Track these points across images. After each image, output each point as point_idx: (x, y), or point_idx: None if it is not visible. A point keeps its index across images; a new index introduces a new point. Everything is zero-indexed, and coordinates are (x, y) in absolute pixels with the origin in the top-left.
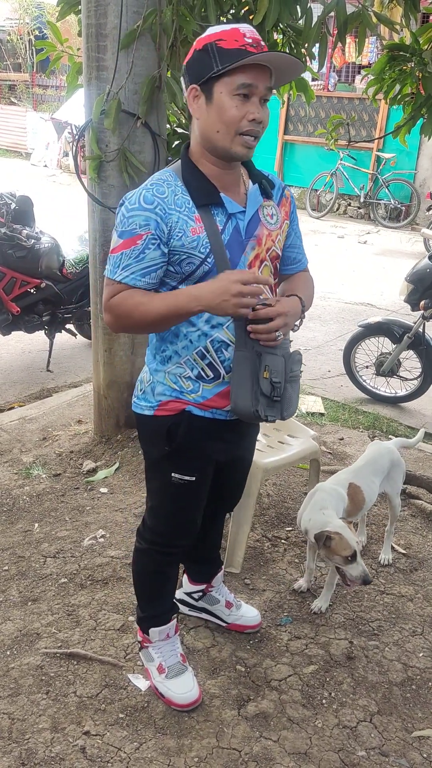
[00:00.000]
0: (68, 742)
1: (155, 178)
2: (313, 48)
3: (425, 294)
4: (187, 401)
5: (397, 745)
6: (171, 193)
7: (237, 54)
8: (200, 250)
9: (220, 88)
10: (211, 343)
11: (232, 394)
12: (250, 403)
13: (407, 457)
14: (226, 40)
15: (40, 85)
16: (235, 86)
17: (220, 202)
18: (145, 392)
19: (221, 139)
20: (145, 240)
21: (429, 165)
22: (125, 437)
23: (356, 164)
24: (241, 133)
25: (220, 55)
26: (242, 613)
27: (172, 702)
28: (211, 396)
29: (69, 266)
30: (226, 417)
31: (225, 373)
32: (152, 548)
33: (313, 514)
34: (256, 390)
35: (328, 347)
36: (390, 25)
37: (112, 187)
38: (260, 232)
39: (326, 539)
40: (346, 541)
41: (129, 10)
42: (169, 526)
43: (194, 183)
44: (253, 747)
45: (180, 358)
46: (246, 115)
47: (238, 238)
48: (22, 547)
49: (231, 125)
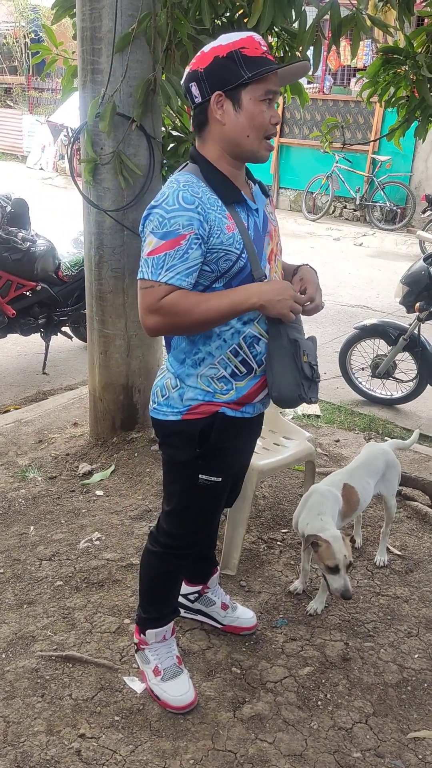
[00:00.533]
0: (63, 745)
1: (182, 180)
2: (308, 51)
3: (420, 296)
4: (219, 403)
5: (393, 747)
6: (203, 193)
7: (261, 62)
8: (236, 246)
9: (248, 94)
10: (243, 340)
11: (275, 385)
12: (296, 389)
13: (403, 458)
14: (248, 47)
15: (36, 88)
16: (262, 93)
17: (243, 199)
18: (170, 398)
19: (250, 143)
20: (189, 240)
21: (424, 167)
22: (121, 440)
23: (352, 167)
24: (266, 136)
25: (246, 62)
26: (238, 615)
27: (168, 704)
28: (245, 392)
29: (65, 269)
30: (252, 413)
31: (257, 367)
32: (166, 551)
33: (311, 519)
34: (298, 375)
35: (324, 349)
36: (384, 28)
37: (108, 190)
38: (270, 227)
39: (314, 544)
40: (332, 552)
41: (123, 14)
42: (189, 529)
43: (219, 182)
44: (248, 749)
45: (214, 359)
46: (270, 119)
47: (258, 234)
48: (18, 550)
49: (260, 130)
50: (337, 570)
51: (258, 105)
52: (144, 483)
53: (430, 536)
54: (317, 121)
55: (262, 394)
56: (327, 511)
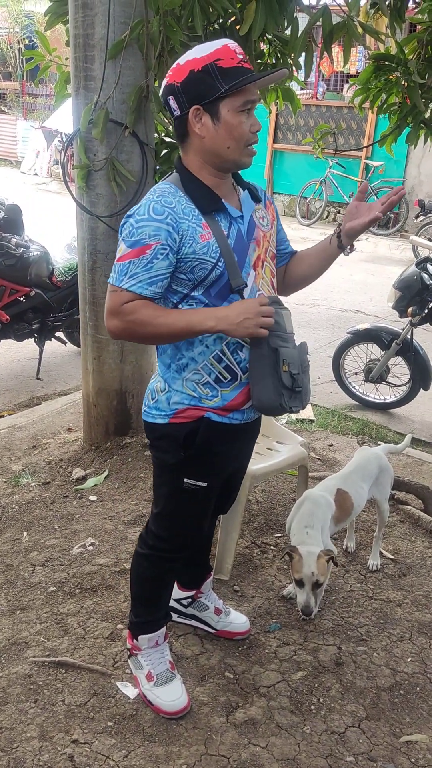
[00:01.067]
0: (56, 751)
1: (159, 190)
2: (300, 58)
3: (413, 301)
4: (205, 408)
5: (385, 750)
6: (178, 203)
7: (237, 72)
8: (211, 255)
9: (226, 106)
10: (227, 346)
11: (255, 392)
12: (275, 398)
13: (396, 462)
14: (224, 59)
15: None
16: (240, 103)
17: (223, 208)
18: (158, 401)
19: (231, 153)
20: (154, 250)
21: (417, 173)
22: (115, 445)
23: (345, 172)
24: (247, 144)
25: (221, 75)
26: (231, 620)
27: (161, 709)
28: (231, 399)
29: (58, 274)
30: (240, 420)
31: (242, 374)
32: (155, 554)
33: (298, 531)
34: (278, 384)
35: (317, 354)
36: (375, 35)
37: (101, 196)
38: (257, 234)
39: (290, 554)
40: (300, 565)
41: (116, 21)
42: (176, 532)
43: (197, 192)
44: (241, 753)
45: (197, 365)
46: (251, 128)
47: (241, 242)
48: (11, 555)
49: (241, 140)
50: (302, 584)
51: (237, 116)
52: (137, 488)
53: (423, 540)
54: (310, 126)
55: (249, 402)
56: (316, 522)
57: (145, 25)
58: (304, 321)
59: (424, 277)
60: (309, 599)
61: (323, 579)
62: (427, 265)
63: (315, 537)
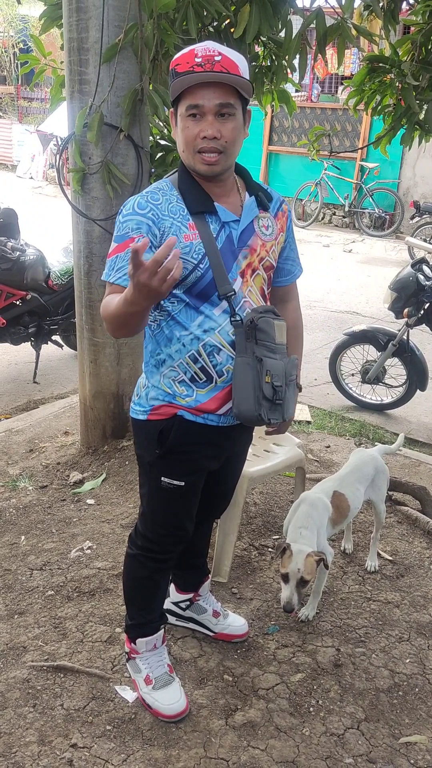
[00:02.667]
0: (55, 755)
1: (151, 187)
2: (294, 60)
3: (409, 302)
4: (179, 406)
5: (385, 752)
6: (165, 201)
7: (186, 77)
8: (192, 256)
9: (179, 110)
10: (203, 347)
11: (235, 399)
12: (254, 408)
13: (393, 463)
14: (181, 63)
15: (26, 98)
16: (184, 108)
17: (214, 210)
18: (140, 397)
19: (186, 158)
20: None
21: (412, 174)
22: (112, 448)
23: (340, 174)
24: (198, 151)
25: (175, 79)
26: (229, 623)
27: (160, 713)
28: (205, 400)
29: (54, 278)
30: (217, 422)
31: (218, 377)
32: (142, 554)
33: (293, 531)
34: (258, 394)
35: (314, 355)
36: (369, 36)
37: (96, 199)
38: (254, 241)
39: (283, 549)
40: (288, 561)
41: (110, 24)
42: (159, 532)
43: (189, 191)
44: (240, 756)
45: (173, 362)
46: (199, 134)
47: (230, 247)
48: (9, 560)
49: (188, 145)
50: (287, 580)
51: (184, 121)
52: (135, 491)
53: (421, 541)
54: (305, 128)
55: (225, 407)
56: (312, 524)
57: (139, 29)
58: None
59: (419, 279)
60: (292, 596)
61: (309, 578)
62: (423, 267)
63: (308, 538)
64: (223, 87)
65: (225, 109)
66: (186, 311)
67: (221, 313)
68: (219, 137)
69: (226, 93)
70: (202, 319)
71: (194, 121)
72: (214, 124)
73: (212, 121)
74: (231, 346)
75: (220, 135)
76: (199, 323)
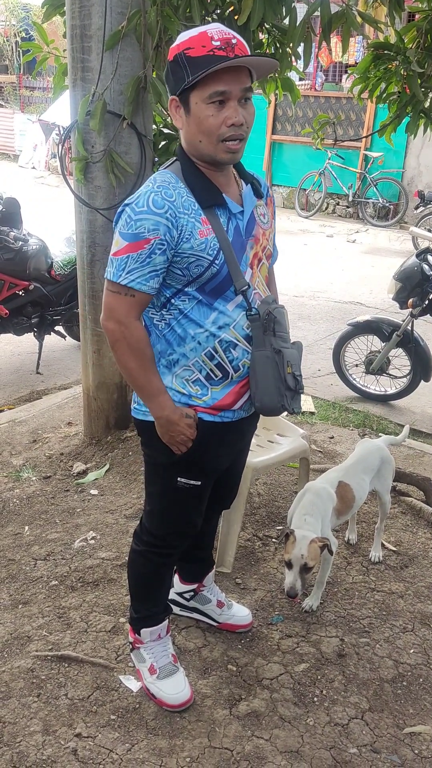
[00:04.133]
0: (60, 745)
1: (158, 180)
2: (298, 47)
3: (413, 292)
4: (197, 407)
5: (389, 742)
6: (178, 196)
7: (205, 61)
8: (209, 252)
9: (195, 98)
10: (219, 344)
11: (258, 393)
12: (277, 399)
13: (397, 454)
14: (194, 47)
15: (27, 87)
16: (208, 95)
17: (224, 202)
18: None
19: (205, 147)
20: (153, 245)
21: (416, 163)
22: (115, 439)
23: (344, 163)
24: (223, 139)
25: (189, 64)
26: (233, 613)
27: (164, 702)
28: (221, 397)
29: (57, 268)
30: (232, 418)
31: (234, 372)
32: (149, 550)
33: (297, 518)
34: (280, 386)
35: (317, 346)
36: (374, 24)
37: (99, 188)
38: (257, 231)
39: (286, 535)
40: (292, 547)
41: (113, 11)
42: (169, 530)
43: (198, 184)
44: (245, 746)
45: (188, 361)
46: (224, 121)
47: (239, 239)
48: (13, 550)
49: (211, 134)
50: (290, 566)
51: (204, 108)
52: (138, 482)
53: (425, 531)
54: (309, 117)
55: (240, 401)
56: (316, 512)
57: (142, 16)
58: (304, 313)
59: (424, 268)
60: (295, 581)
61: (312, 563)
62: (428, 256)
63: (312, 525)
64: (244, 71)
65: (247, 93)
66: (199, 308)
67: (235, 307)
68: (244, 123)
69: (247, 77)
70: (217, 315)
71: (218, 108)
72: (239, 110)
73: (236, 107)
74: (246, 340)
75: (244, 121)
76: (213, 320)
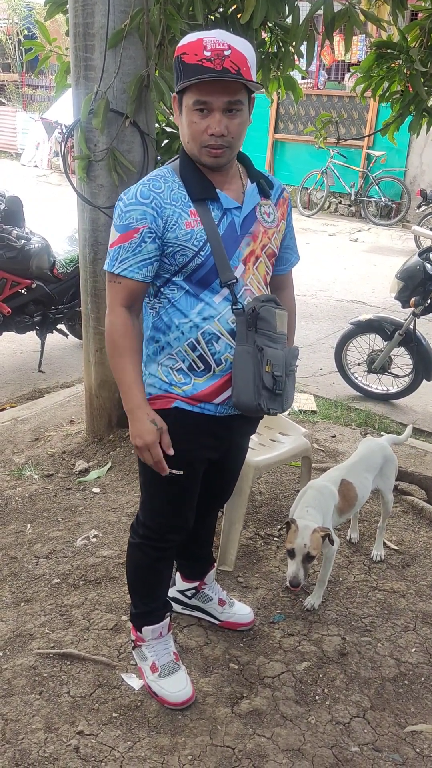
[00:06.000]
0: (62, 742)
1: (152, 174)
2: (301, 46)
3: (416, 291)
4: (176, 395)
5: (390, 741)
6: (167, 188)
7: (193, 70)
8: (193, 243)
9: (185, 101)
10: (202, 335)
11: (235, 389)
12: (253, 397)
13: (399, 453)
14: (188, 53)
15: (30, 85)
16: (191, 102)
17: (216, 197)
18: None
19: (191, 149)
20: (142, 233)
21: (419, 162)
22: (117, 437)
23: (347, 162)
24: (204, 146)
25: (183, 69)
26: (235, 611)
27: (166, 700)
28: (202, 389)
29: (60, 266)
30: (214, 412)
31: (216, 366)
32: (144, 542)
33: (300, 509)
34: (258, 384)
35: (319, 345)
36: (377, 22)
37: (102, 187)
38: (256, 228)
39: (288, 524)
40: (294, 536)
41: (116, 10)
42: (159, 520)
43: (191, 178)
44: (246, 744)
45: (172, 349)
46: (206, 129)
47: (233, 234)
48: (15, 548)
49: (194, 139)
50: (293, 555)
51: (191, 114)
52: None
53: (427, 531)
54: (311, 116)
55: (222, 396)
56: (318, 506)
57: (145, 14)
58: (306, 312)
59: (427, 267)
60: (298, 570)
61: (315, 553)
62: (430, 255)
63: (314, 516)
64: (232, 84)
65: (233, 105)
66: (186, 298)
67: (221, 300)
68: (226, 134)
69: (234, 90)
70: (202, 306)
71: (201, 116)
72: (222, 121)
73: (220, 118)
74: (230, 334)
75: (227, 131)
76: (198, 311)
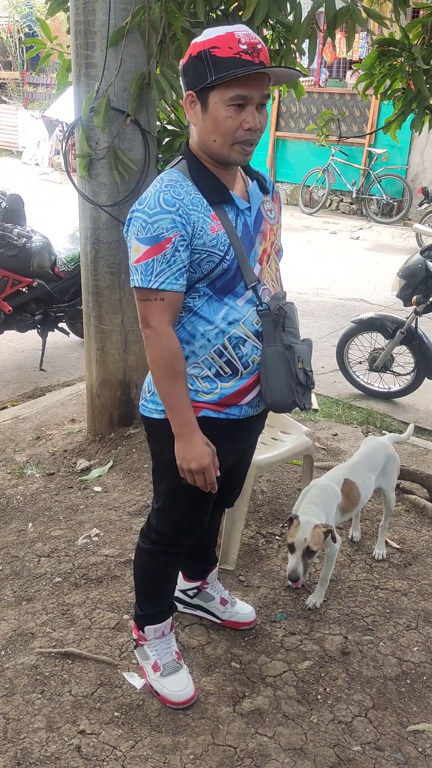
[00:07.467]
0: (63, 742)
1: (166, 179)
2: (303, 44)
3: (417, 289)
4: (202, 403)
5: (392, 740)
6: (186, 194)
7: (231, 63)
8: (219, 248)
9: (215, 97)
10: (228, 340)
11: (268, 390)
12: (288, 395)
13: (401, 452)
14: (221, 47)
15: (31, 83)
16: (229, 97)
17: (231, 199)
18: (155, 394)
19: (219, 147)
20: (174, 243)
21: (420, 160)
22: (119, 436)
23: (348, 160)
24: (238, 142)
25: (214, 64)
26: (237, 610)
27: (168, 700)
28: (229, 394)
29: (61, 265)
30: (239, 415)
31: (243, 369)
32: (156, 549)
33: (303, 506)
34: (292, 382)
35: (321, 343)
36: (379, 20)
37: (103, 185)
38: (264, 226)
39: (290, 520)
40: (295, 531)
41: (117, 7)
42: (176, 528)
43: (205, 182)
44: (248, 743)
45: (197, 358)
46: (242, 125)
47: (248, 234)
48: (16, 546)
49: (227, 135)
50: (293, 549)
51: (224, 110)
52: (142, 479)
53: (429, 529)
54: (313, 114)
55: (249, 397)
56: (322, 504)
57: (146, 12)
58: (308, 310)
59: (428, 266)
60: (297, 564)
61: (316, 548)
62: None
63: (317, 513)
64: (265, 77)
65: (266, 98)
66: (209, 304)
67: (245, 303)
68: (259, 128)
69: (267, 83)
70: (227, 311)
71: (237, 111)
72: (256, 115)
73: (254, 112)
74: (255, 336)
75: (260, 126)
76: (223, 315)
